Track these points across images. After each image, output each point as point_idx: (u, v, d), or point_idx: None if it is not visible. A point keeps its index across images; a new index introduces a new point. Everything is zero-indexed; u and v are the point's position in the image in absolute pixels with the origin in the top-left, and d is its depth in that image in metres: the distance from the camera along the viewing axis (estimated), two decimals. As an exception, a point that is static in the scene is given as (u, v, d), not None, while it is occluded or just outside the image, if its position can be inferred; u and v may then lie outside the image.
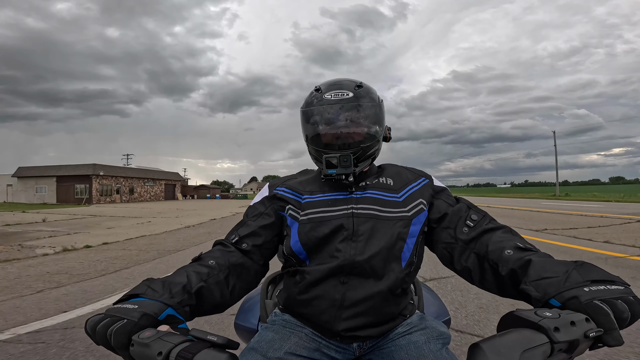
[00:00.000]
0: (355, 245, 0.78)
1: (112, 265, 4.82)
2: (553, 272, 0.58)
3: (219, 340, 0.50)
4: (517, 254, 0.68)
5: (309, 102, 0.89)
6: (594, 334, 0.44)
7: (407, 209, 0.83)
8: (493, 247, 0.72)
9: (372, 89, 0.89)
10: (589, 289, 0.51)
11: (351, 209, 0.83)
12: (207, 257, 0.78)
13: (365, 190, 0.87)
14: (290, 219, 0.86)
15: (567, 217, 10.47)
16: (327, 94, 0.85)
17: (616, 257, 4.56)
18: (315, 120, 0.86)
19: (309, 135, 0.88)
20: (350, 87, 0.86)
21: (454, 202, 0.86)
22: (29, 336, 2.37)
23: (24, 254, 5.62)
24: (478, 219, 0.80)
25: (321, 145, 0.85)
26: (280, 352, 0.74)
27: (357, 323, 0.77)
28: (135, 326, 0.54)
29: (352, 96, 0.84)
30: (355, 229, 0.80)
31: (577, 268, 0.57)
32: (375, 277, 0.77)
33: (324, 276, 0.78)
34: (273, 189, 0.92)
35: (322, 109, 0.84)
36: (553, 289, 0.55)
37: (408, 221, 0.82)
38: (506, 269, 0.67)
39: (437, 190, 0.89)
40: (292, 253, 0.83)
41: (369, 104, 0.86)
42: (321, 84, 0.90)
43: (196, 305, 0.69)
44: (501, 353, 0.43)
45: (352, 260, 0.77)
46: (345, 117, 0.83)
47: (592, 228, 7.60)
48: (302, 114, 0.90)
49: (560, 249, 5.30)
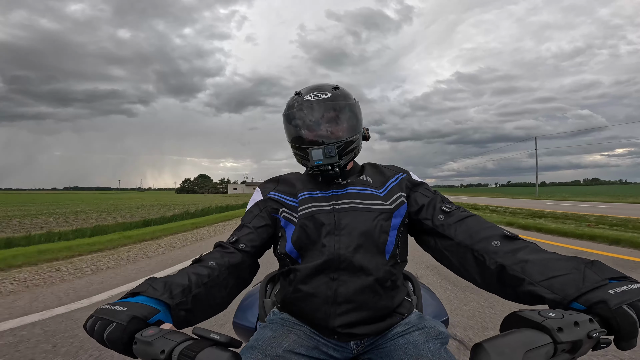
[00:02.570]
0: (338, 239, 0.81)
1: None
2: (560, 270, 0.57)
3: (221, 338, 0.50)
4: (506, 246, 0.68)
5: (290, 105, 0.93)
6: (597, 335, 0.45)
7: (389, 202, 0.87)
8: (477, 237, 0.73)
9: (347, 91, 0.95)
10: (614, 291, 0.50)
11: (332, 205, 0.86)
12: (207, 259, 0.79)
13: (346, 187, 0.91)
14: (285, 221, 0.89)
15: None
16: (306, 96, 0.90)
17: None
18: (297, 121, 0.90)
19: (293, 136, 0.92)
20: (328, 89, 0.92)
21: (431, 194, 0.90)
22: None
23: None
24: (453, 208, 0.84)
25: (305, 143, 0.89)
26: (279, 350, 0.74)
27: (352, 318, 0.78)
28: (125, 331, 0.53)
29: (330, 96, 0.90)
30: (337, 223, 0.83)
31: (588, 265, 0.56)
32: (363, 271, 0.79)
33: (314, 273, 0.80)
34: (267, 193, 0.96)
35: (303, 109, 0.89)
36: (573, 290, 0.53)
37: (390, 214, 0.85)
38: (494, 262, 0.67)
39: (415, 184, 0.93)
40: (285, 253, 0.86)
41: (346, 102, 0.91)
42: (301, 89, 0.96)
43: (193, 309, 0.69)
44: (504, 353, 0.43)
45: (338, 254, 0.79)
46: (325, 115, 0.89)
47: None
48: (285, 118, 0.94)
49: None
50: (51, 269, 4.17)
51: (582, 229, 6.94)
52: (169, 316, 0.63)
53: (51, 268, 4.21)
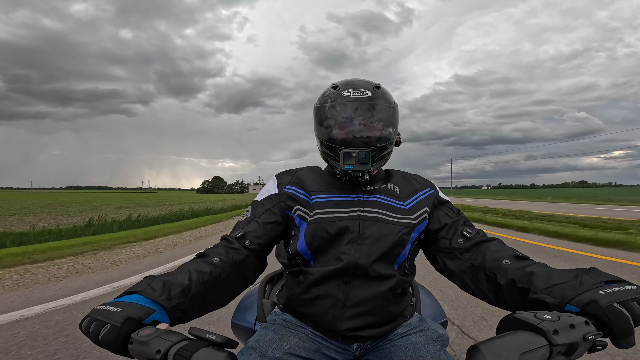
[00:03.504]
0: (360, 249, 0.78)
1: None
2: (562, 278, 0.59)
3: (217, 339, 0.49)
4: (516, 264, 0.69)
5: (325, 99, 0.87)
6: (593, 337, 0.45)
7: (414, 216, 0.84)
8: (490, 257, 0.74)
9: (388, 91, 0.89)
10: (605, 291, 0.51)
11: (358, 212, 0.82)
12: (211, 254, 0.77)
13: (372, 194, 0.86)
14: (299, 220, 0.84)
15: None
16: (345, 91, 0.84)
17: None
18: (332, 116, 0.84)
19: (323, 131, 0.86)
20: (369, 87, 0.85)
21: (454, 215, 0.87)
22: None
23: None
24: (473, 233, 0.82)
25: (337, 143, 0.83)
26: (280, 352, 0.73)
27: (360, 323, 0.77)
28: (119, 333, 0.53)
29: (370, 96, 0.83)
30: (361, 232, 0.80)
31: (586, 272, 0.58)
32: (377, 278, 0.78)
33: (327, 277, 0.78)
34: (282, 187, 0.89)
35: (340, 105, 0.83)
36: (570, 293, 0.55)
37: (412, 228, 0.83)
38: (505, 278, 0.68)
39: (441, 202, 0.90)
40: (297, 253, 0.82)
41: (387, 105, 0.85)
42: (338, 82, 0.89)
43: (191, 309, 0.68)
44: (500, 355, 0.43)
45: (356, 263, 0.77)
46: (363, 115, 0.82)
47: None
48: (317, 110, 0.88)
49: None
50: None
51: (496, 219, 10.30)
52: (166, 316, 0.62)
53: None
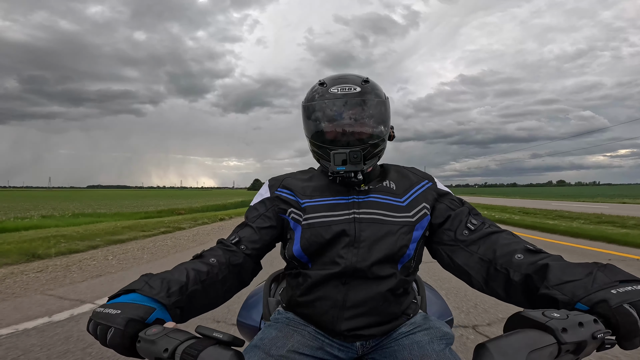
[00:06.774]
0: (357, 252, 0.77)
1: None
2: (575, 275, 0.56)
3: (224, 337, 0.49)
4: (529, 258, 0.66)
5: (312, 96, 0.84)
6: (601, 335, 0.44)
7: (411, 214, 0.81)
8: (501, 251, 0.70)
9: (378, 85, 0.86)
10: (617, 290, 0.49)
11: (353, 214, 0.80)
12: (208, 255, 0.77)
13: (367, 194, 0.84)
14: (294, 223, 0.84)
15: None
16: (332, 87, 0.81)
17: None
18: (319, 115, 0.81)
19: (312, 131, 0.84)
20: (357, 82, 0.81)
21: (457, 205, 0.84)
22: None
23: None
24: (478, 224, 0.78)
25: (326, 142, 0.81)
26: (283, 350, 0.73)
27: (359, 323, 0.77)
28: (124, 336, 0.53)
29: (359, 91, 0.80)
30: (357, 235, 0.78)
31: (601, 269, 0.55)
32: (376, 279, 0.77)
33: (325, 279, 0.78)
34: (274, 190, 0.89)
35: (327, 103, 0.80)
36: (581, 291, 0.53)
37: (412, 227, 0.80)
38: (519, 274, 0.65)
39: (441, 194, 0.86)
40: (293, 257, 0.82)
41: (377, 100, 0.82)
42: (325, 78, 0.85)
43: (189, 307, 0.68)
44: (507, 354, 0.42)
45: (354, 267, 0.76)
46: (352, 112, 0.80)
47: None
48: (305, 109, 0.85)
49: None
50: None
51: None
52: (166, 313, 0.62)
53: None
